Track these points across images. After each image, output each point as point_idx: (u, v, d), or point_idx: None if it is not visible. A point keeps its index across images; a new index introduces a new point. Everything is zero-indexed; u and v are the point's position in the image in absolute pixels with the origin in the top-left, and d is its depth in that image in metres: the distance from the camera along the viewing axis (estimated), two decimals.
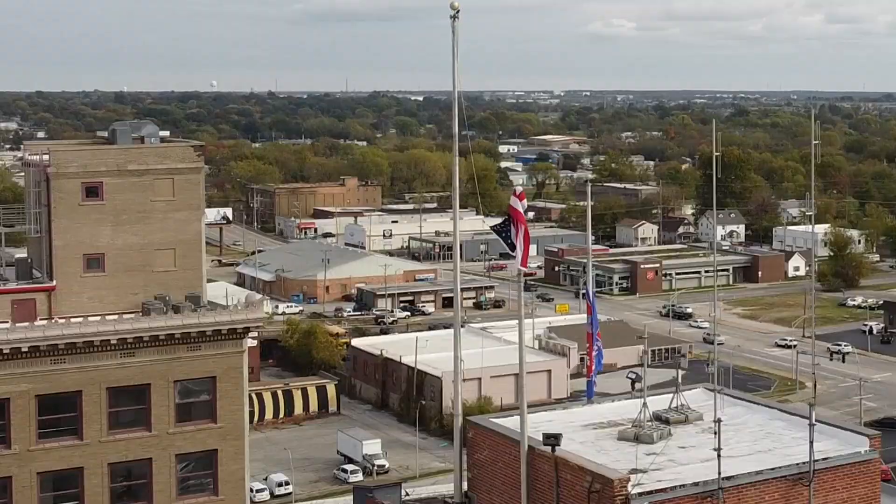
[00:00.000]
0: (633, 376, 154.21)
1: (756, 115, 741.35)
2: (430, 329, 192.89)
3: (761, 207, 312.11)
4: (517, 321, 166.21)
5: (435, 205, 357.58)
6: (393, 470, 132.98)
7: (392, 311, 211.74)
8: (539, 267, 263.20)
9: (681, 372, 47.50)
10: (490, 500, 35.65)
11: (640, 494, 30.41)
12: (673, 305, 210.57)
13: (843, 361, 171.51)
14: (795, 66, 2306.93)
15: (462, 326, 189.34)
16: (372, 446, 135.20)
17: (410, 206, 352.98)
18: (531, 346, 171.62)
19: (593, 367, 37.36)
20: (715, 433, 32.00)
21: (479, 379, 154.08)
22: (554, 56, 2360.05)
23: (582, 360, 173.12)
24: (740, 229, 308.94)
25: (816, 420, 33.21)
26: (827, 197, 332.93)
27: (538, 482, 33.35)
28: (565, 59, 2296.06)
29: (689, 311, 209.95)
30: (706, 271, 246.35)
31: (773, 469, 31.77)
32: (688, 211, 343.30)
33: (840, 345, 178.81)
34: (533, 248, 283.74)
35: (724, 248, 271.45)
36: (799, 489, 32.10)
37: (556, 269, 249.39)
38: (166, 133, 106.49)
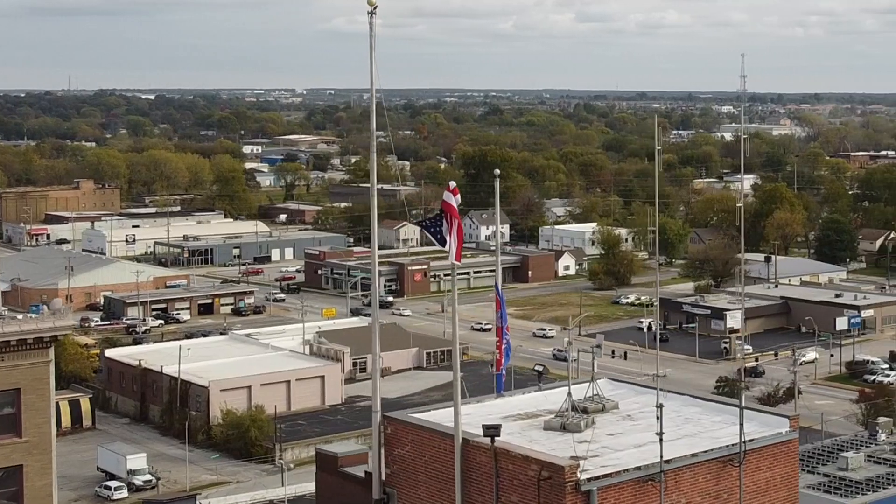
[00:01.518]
0: (541, 369, 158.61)
1: (510, 114, 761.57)
2: (188, 337, 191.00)
3: (526, 207, 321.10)
4: (282, 327, 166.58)
5: (179, 208, 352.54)
6: (161, 485, 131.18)
7: (144, 320, 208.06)
8: (299, 271, 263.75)
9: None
10: (413, 495, 36.44)
11: (589, 480, 31.86)
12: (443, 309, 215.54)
13: (626, 359, 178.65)
14: (547, 64, 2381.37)
15: (223, 333, 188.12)
16: (137, 461, 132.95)
17: (153, 210, 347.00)
18: (301, 352, 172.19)
19: (502, 361, 38.75)
20: (657, 418, 33.92)
21: (249, 387, 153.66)
22: (295, 53, 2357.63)
23: (355, 364, 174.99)
24: (505, 229, 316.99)
25: (733, 404, 36.02)
26: (591, 196, 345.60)
27: (473, 474, 34.32)
28: (307, 56, 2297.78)
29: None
30: (476, 272, 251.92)
31: (706, 452, 33.84)
32: None
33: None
34: (290, 252, 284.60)
35: (491, 248, 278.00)
36: (729, 470, 34.60)
37: (318, 272, 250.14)
38: None
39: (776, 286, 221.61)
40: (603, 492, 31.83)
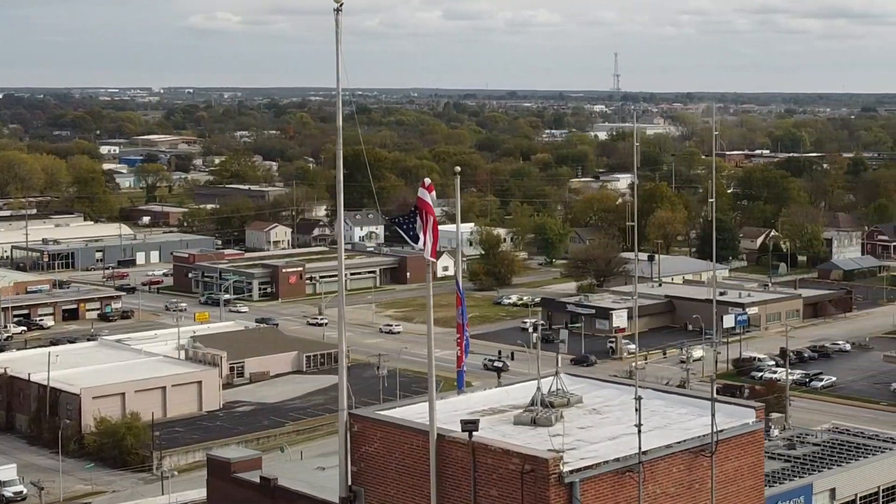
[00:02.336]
0: (501, 364, 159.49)
1: (379, 113, 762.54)
2: (54, 344, 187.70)
3: (402, 208, 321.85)
4: (155, 332, 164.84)
5: (35, 210, 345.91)
6: (31, 496, 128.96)
7: (6, 326, 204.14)
8: (166, 274, 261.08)
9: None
10: (383, 491, 36.85)
11: (571, 472, 32.58)
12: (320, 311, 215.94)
13: (512, 359, 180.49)
14: (415, 62, 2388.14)
15: (91, 339, 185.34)
16: (7, 472, 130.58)
17: (8, 213, 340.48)
18: (176, 357, 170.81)
19: (463, 358, 39.59)
20: (637, 410, 34.83)
21: (123, 394, 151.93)
22: (152, 51, 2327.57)
23: (232, 369, 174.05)
24: (379, 230, 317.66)
25: (700, 397, 37.13)
26: (467, 195, 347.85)
27: (448, 469, 34.83)
28: (164, 54, 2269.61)
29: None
30: (352, 273, 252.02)
31: (680, 443, 34.83)
32: (321, 212, 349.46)
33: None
34: (155, 255, 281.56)
35: (368, 249, 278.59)
36: (700, 460, 36.19)
37: (189, 275, 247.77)
38: None
39: (660, 285, 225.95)
40: (584, 483, 32.78)
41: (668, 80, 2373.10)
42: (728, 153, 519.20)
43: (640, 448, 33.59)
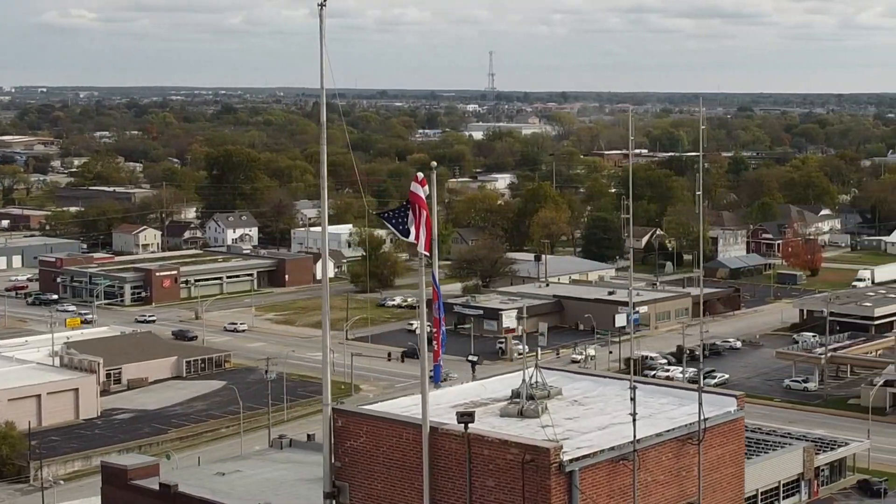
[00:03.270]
0: (475, 359, 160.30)
1: (245, 113, 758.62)
2: None
3: (276, 209, 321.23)
4: (25, 338, 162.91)
5: None
6: None
7: None
8: (31, 279, 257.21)
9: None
10: (369, 485, 37.58)
11: (571, 461, 33.95)
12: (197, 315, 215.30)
13: (402, 361, 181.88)
14: (280, 61, 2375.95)
15: None
16: None
17: None
18: (50, 364, 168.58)
19: (440, 352, 40.76)
20: (632, 399, 36.40)
21: None
22: (1, 48, 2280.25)
23: (109, 375, 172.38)
24: (253, 232, 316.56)
25: (682, 387, 38.89)
26: (344, 196, 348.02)
27: (441, 461, 35.81)
28: (14, 52, 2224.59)
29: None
30: (228, 277, 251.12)
31: (669, 431, 36.50)
32: (191, 214, 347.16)
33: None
34: (18, 260, 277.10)
35: (244, 252, 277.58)
36: (687, 448, 37.85)
37: (57, 280, 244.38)
38: None
39: (547, 285, 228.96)
40: (583, 472, 34.10)
41: (543, 79, 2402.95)
42: (606, 153, 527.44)
43: (634, 436, 35.20)
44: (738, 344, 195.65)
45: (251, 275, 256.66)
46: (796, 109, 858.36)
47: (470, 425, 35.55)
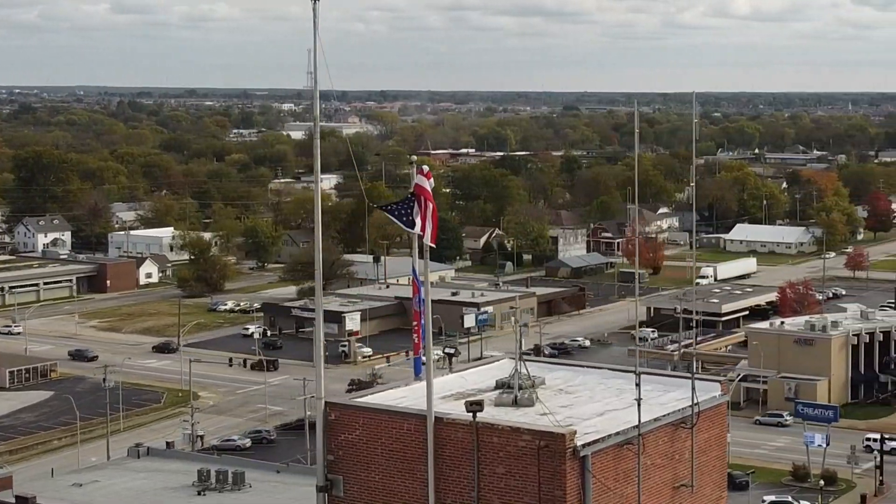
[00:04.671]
0: (452, 351, 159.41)
1: (45, 113, 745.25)
2: None
3: (92, 212, 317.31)
4: None
5: None
6: None
7: None
8: None
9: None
10: (366, 476, 39.25)
11: (584, 446, 36.47)
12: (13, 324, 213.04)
13: (245, 366, 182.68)
14: (80, 58, 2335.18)
15: None
16: None
17: None
18: None
19: (420, 345, 42.72)
20: (637, 385, 39.04)
21: None
22: None
23: None
24: (66, 236, 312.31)
25: (671, 375, 41.62)
26: (163, 199, 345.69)
27: (445, 450, 37.79)
28: None
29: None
30: (45, 283, 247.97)
31: (665, 416, 39.53)
32: None
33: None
34: None
35: (61, 257, 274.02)
36: (679, 433, 40.57)
37: None
38: None
39: (387, 286, 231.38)
40: (593, 457, 36.67)
41: (361, 77, 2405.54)
42: (433, 152, 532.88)
43: (639, 421, 37.88)
44: (587, 343, 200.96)
45: (70, 280, 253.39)
46: (622, 108, 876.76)
47: (457, 414, 37.77)
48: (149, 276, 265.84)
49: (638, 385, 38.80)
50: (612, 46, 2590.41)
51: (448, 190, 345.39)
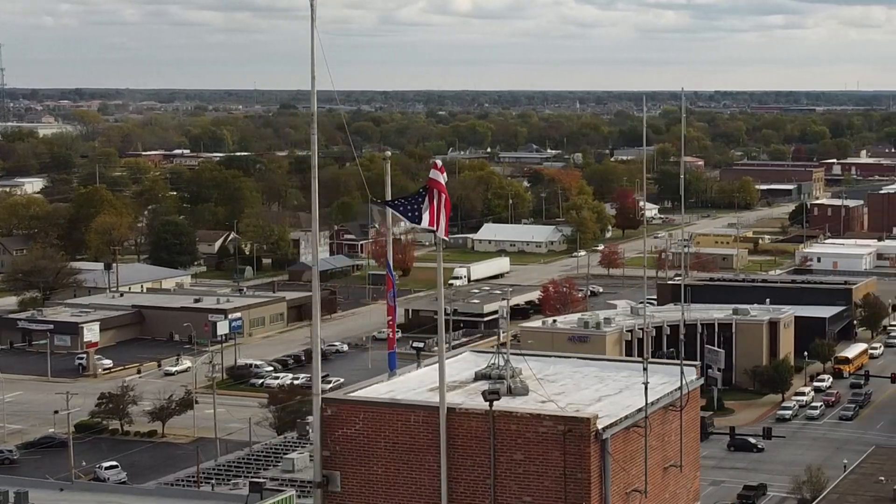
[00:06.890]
0: (421, 345, 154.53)
1: None
2: None
3: None
4: None
5: None
6: None
7: None
8: None
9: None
10: (367, 471, 41.39)
11: (604, 429, 40.26)
12: None
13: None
14: None
15: None
16: None
17: None
18: None
19: (395, 340, 45.42)
20: (644, 369, 43.38)
21: None
22: None
23: None
24: None
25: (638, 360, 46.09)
26: None
27: (458, 440, 40.41)
28: None
29: None
30: None
31: (658, 399, 43.92)
32: None
33: None
34: None
35: None
36: (668, 415, 45.33)
37: None
38: None
39: (121, 295, 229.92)
40: (612, 439, 40.67)
41: (54, 75, 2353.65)
42: (144, 153, 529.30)
43: (646, 404, 41.81)
44: (345, 347, 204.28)
45: None
46: (343, 107, 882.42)
47: (471, 404, 40.96)
48: None
49: (645, 369, 42.86)
50: (329, 43, 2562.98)
51: (175, 192, 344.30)
